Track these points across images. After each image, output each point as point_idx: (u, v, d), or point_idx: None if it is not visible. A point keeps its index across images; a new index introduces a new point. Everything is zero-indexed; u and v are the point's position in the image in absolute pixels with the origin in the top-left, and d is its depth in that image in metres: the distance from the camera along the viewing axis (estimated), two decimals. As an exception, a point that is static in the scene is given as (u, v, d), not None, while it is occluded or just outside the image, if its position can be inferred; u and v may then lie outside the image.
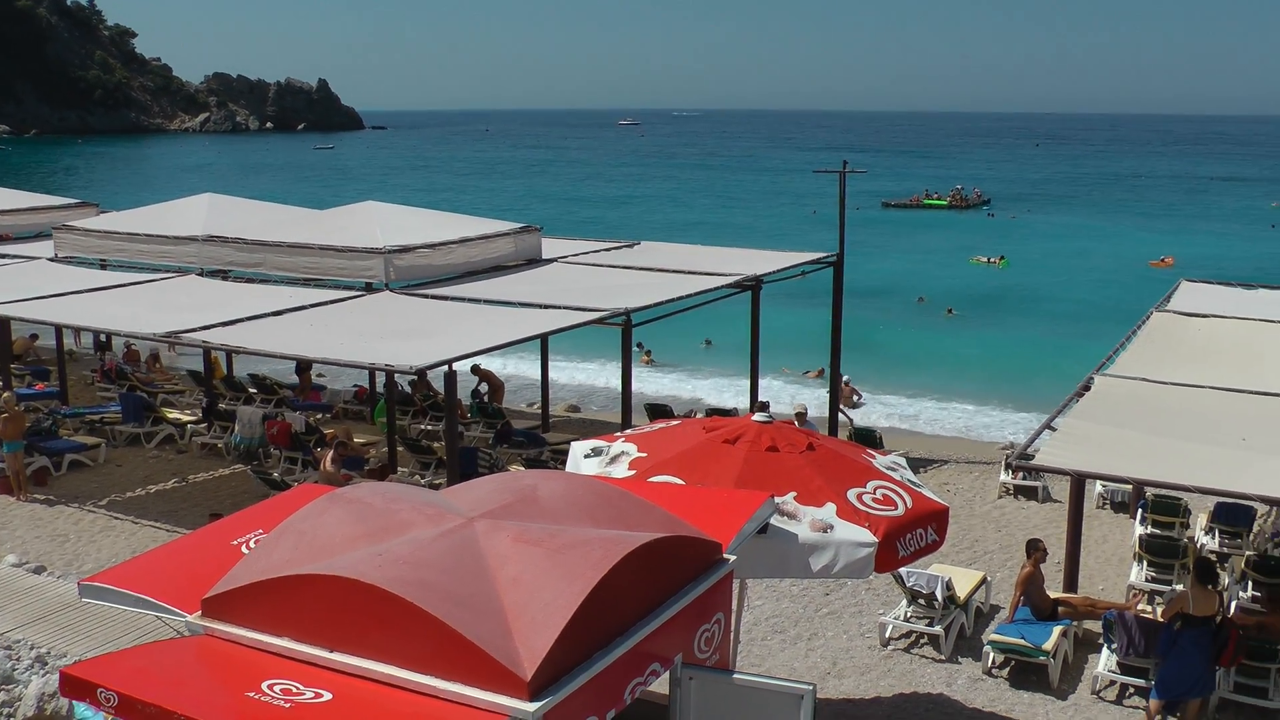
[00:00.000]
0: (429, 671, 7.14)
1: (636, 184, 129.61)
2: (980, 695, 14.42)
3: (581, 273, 25.66)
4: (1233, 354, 20.11)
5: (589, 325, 21.16)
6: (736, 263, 26.19)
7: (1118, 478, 18.29)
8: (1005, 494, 22.90)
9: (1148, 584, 17.63)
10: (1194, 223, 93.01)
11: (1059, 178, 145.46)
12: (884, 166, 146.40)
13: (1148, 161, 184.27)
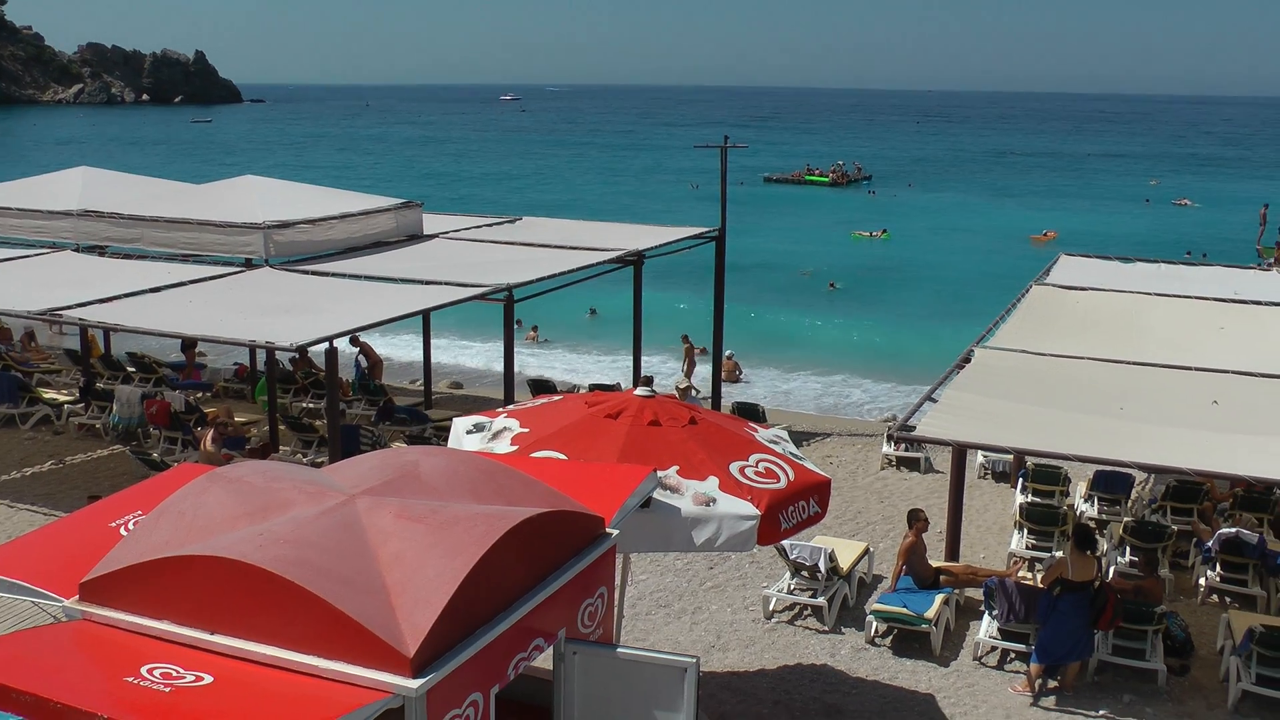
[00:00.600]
0: (311, 651, 7.08)
1: (518, 160, 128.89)
2: (864, 664, 14.61)
3: (463, 249, 25.48)
4: (1111, 326, 20.57)
5: (471, 301, 21.02)
6: (619, 238, 26.18)
7: (998, 448, 18.63)
8: (888, 466, 23.21)
9: (1028, 551, 17.98)
10: (1074, 199, 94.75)
11: (940, 155, 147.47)
12: (765, 142, 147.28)
13: (1028, 139, 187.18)
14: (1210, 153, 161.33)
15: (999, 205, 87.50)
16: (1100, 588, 14.14)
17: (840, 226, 71.20)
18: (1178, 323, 21.20)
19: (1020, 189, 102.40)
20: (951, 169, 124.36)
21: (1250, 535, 17.32)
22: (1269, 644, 13.90)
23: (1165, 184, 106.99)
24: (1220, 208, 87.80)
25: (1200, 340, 19.77)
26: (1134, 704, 14.02)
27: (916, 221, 75.34)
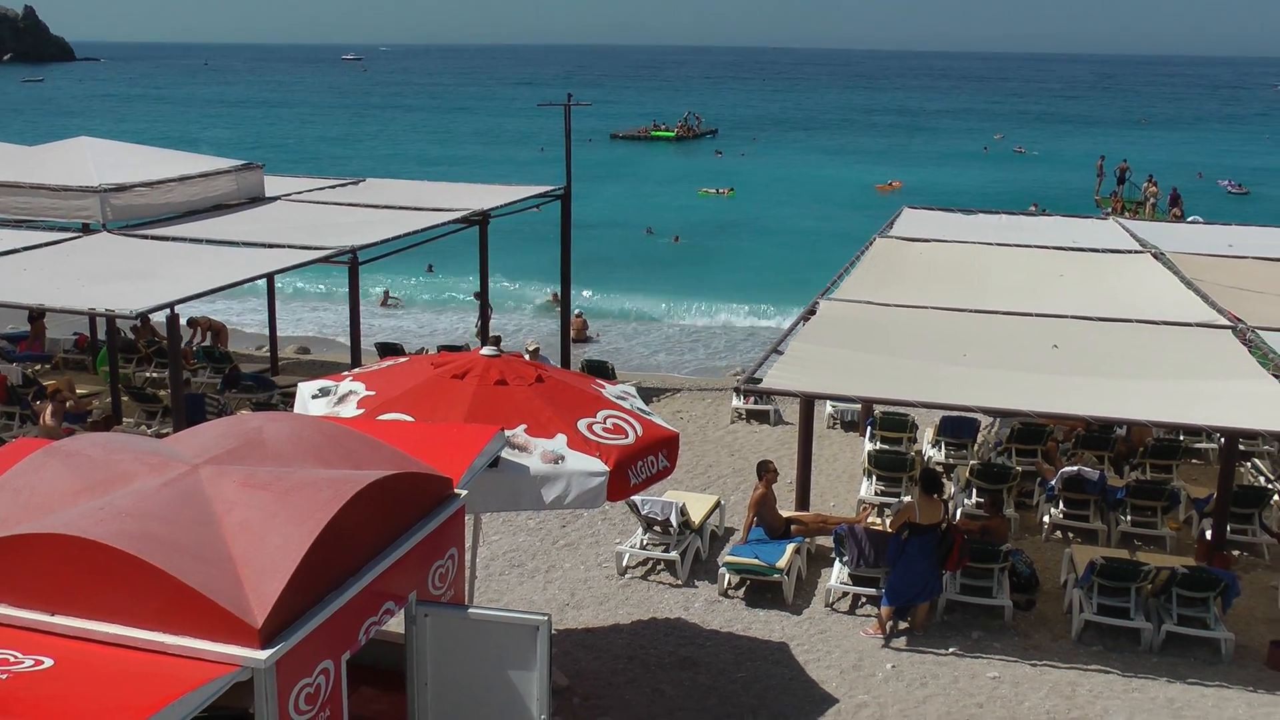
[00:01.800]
0: (157, 627, 6.91)
1: (361, 121, 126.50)
2: (718, 616, 14.77)
3: (306, 211, 25.05)
4: (953, 275, 21.02)
5: (315, 264, 20.70)
6: (464, 198, 26.00)
7: (845, 397, 18.97)
8: (738, 419, 23.44)
9: (877, 498, 18.35)
10: (919, 153, 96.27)
11: (786, 110, 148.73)
12: (610, 100, 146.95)
13: (872, 96, 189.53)
14: (1050, 109, 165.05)
15: (844, 160, 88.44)
16: (947, 529, 14.52)
17: (687, 181, 71.37)
18: (1018, 271, 21.76)
19: (865, 144, 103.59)
20: (798, 124, 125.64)
21: (1091, 472, 17.95)
22: (1109, 575, 14.46)
23: (1008, 139, 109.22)
24: (1059, 161, 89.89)
25: (1040, 288, 20.31)
26: (982, 639, 14.45)
27: (762, 175, 75.89)
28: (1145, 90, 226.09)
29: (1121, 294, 20.11)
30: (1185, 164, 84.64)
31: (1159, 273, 21.69)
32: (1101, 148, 79.79)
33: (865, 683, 13.26)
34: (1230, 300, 19.08)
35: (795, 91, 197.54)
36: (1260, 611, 15.77)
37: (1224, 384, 15.22)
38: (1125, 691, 13.46)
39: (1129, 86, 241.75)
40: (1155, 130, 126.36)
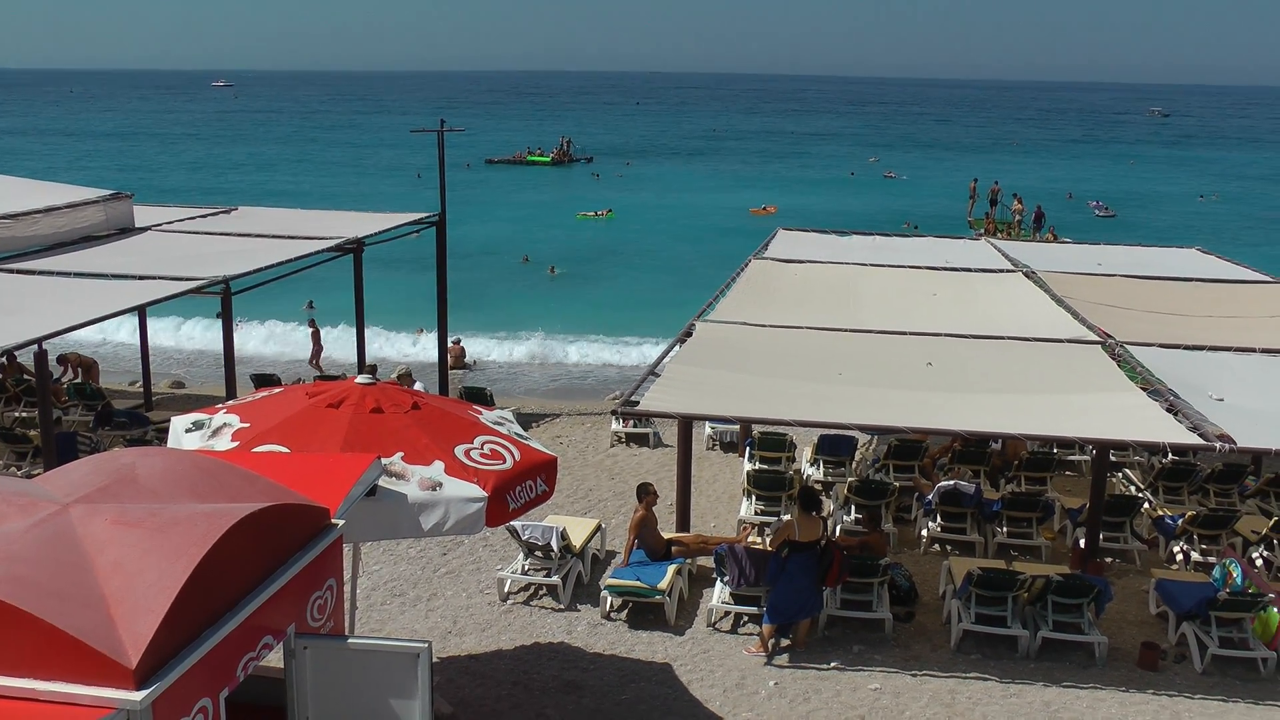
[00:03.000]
0: (28, 674, 6.71)
1: (233, 148, 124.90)
2: (600, 639, 14.79)
3: (178, 241, 24.62)
4: (828, 295, 21.32)
5: (188, 295, 20.35)
6: (338, 225, 25.73)
7: (723, 418, 19.11)
8: (618, 443, 23.52)
9: (757, 517, 18.55)
10: (793, 176, 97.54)
11: (662, 134, 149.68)
12: (484, 125, 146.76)
13: (747, 119, 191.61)
14: (924, 132, 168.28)
15: (720, 182, 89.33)
16: (826, 546, 14.70)
17: (564, 206, 71.48)
18: (892, 291, 22.14)
19: (740, 167, 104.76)
20: (674, 148, 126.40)
21: (967, 486, 18.32)
22: (986, 585, 14.82)
23: (883, 162, 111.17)
24: (932, 183, 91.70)
25: (914, 307, 20.69)
26: (863, 653, 14.68)
27: (639, 199, 76.29)
28: (1020, 115, 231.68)
29: (994, 312, 20.55)
30: (1056, 187, 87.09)
31: (1030, 291, 22.21)
32: (975, 170, 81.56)
33: (749, 700, 13.37)
34: (1100, 317, 19.63)
35: (670, 116, 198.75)
36: (1132, 615, 16.29)
37: (1095, 397, 15.62)
38: (1003, 697, 13.76)
39: (1005, 111, 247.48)
40: (1028, 154, 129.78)
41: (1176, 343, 18.36)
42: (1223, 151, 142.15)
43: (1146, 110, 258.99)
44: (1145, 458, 22.64)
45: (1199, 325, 20.14)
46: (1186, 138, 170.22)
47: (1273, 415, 15.38)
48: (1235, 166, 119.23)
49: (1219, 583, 16.16)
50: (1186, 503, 20.48)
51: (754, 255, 24.63)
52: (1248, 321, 20.83)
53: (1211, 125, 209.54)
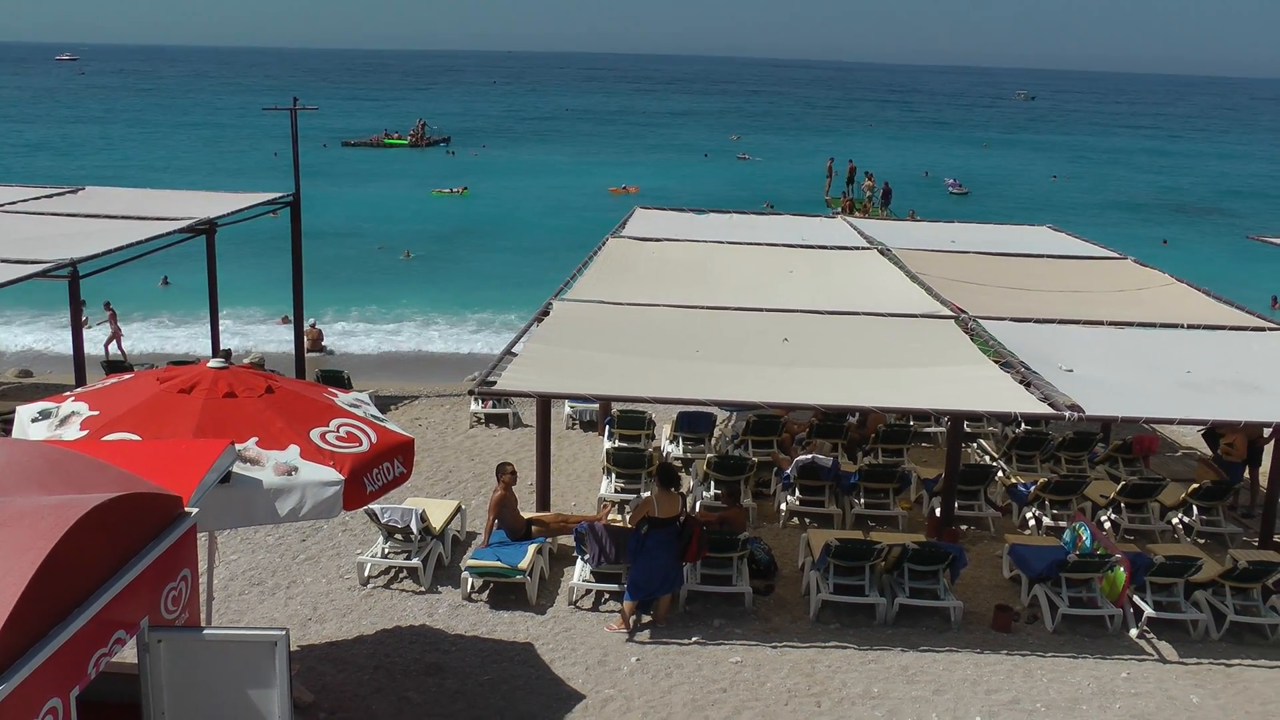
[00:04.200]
0: None
1: (79, 125, 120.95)
2: (462, 621, 14.72)
3: (20, 222, 23.81)
4: (685, 273, 21.42)
5: (31, 279, 19.70)
6: (190, 206, 25.18)
7: (581, 396, 19.16)
8: (477, 423, 23.42)
9: (617, 495, 18.61)
10: (653, 155, 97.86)
11: (520, 115, 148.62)
12: (340, 106, 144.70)
13: (606, 99, 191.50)
14: (784, 111, 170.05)
15: (578, 162, 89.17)
16: (686, 522, 14.80)
17: (421, 187, 70.78)
18: (749, 268, 22.33)
19: (599, 147, 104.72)
20: (532, 128, 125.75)
21: (825, 459, 18.56)
22: (844, 555, 15.08)
23: (744, 142, 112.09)
24: (790, 162, 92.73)
25: (771, 283, 20.90)
26: (724, 627, 14.82)
27: (497, 179, 75.83)
28: (882, 98, 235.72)
29: (850, 288, 20.84)
30: (914, 166, 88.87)
31: (885, 267, 22.57)
32: (833, 150, 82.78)
33: (611, 677, 13.42)
34: (953, 292, 20.03)
35: (528, 95, 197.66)
36: (986, 580, 16.76)
37: (949, 370, 15.96)
38: (862, 664, 14.04)
39: (866, 93, 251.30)
40: (887, 135, 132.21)
41: (1028, 316, 18.85)
42: (1079, 135, 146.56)
43: (1014, 94, 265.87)
44: (999, 428, 23.20)
45: (1049, 300, 20.68)
46: (1046, 121, 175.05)
47: (1120, 385, 15.87)
48: (1089, 149, 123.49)
49: (1069, 546, 16.66)
50: (1038, 470, 21.05)
51: (611, 234, 24.66)
52: (1096, 296, 21.45)
53: (1074, 109, 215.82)
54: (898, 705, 13.15)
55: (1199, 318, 19.61)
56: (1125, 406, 15.36)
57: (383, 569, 15.92)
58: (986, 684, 13.76)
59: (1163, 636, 15.35)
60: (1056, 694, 13.64)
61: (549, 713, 12.63)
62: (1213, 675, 14.43)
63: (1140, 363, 17.04)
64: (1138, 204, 78.04)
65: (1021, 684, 13.82)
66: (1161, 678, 14.25)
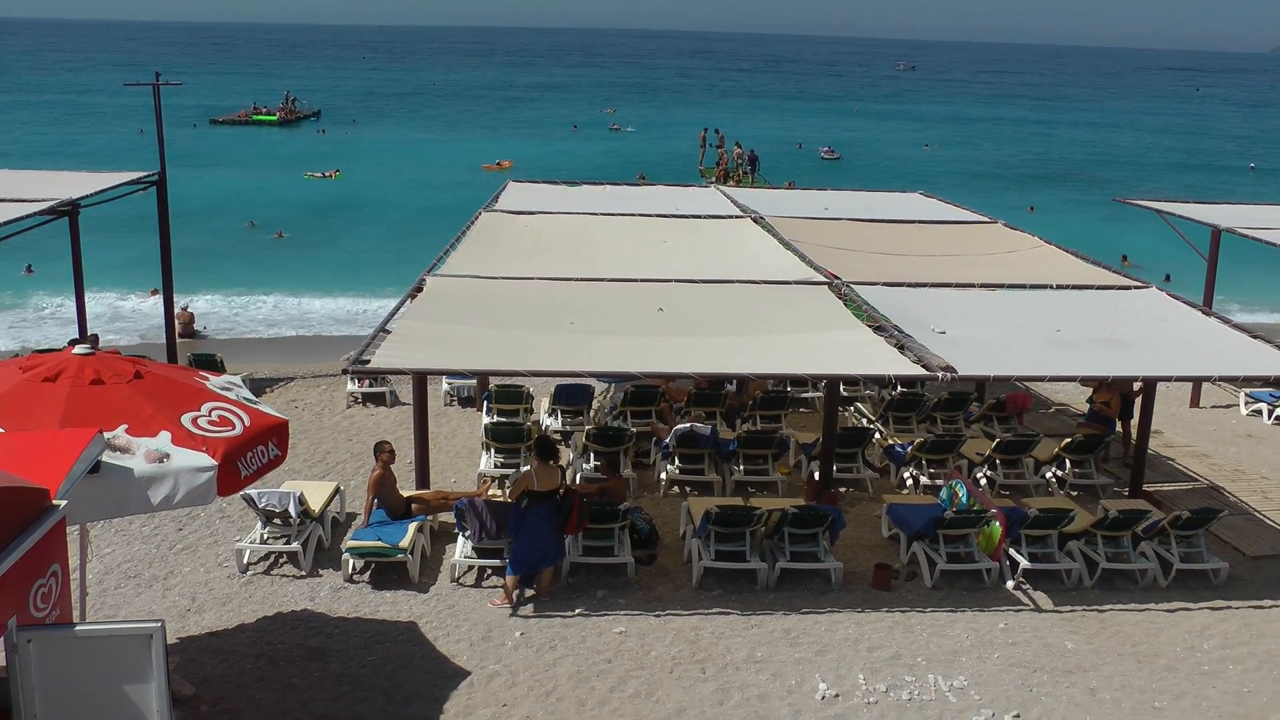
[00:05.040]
0: None
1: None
2: (344, 603, 14.56)
3: None
4: (559, 246, 21.36)
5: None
6: (50, 187, 24.30)
7: (456, 371, 19.06)
8: (354, 403, 23.19)
9: (496, 470, 18.59)
10: (528, 128, 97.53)
11: (391, 90, 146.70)
12: (206, 82, 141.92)
13: (475, 73, 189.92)
14: (659, 83, 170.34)
15: (451, 137, 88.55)
16: (566, 494, 14.80)
17: (292, 165, 69.64)
18: (623, 239, 22.33)
19: (471, 121, 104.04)
20: (402, 103, 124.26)
21: (704, 428, 18.69)
22: (724, 522, 15.22)
23: (620, 114, 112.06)
24: (664, 133, 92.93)
25: (645, 254, 20.92)
26: (607, 598, 14.88)
27: (369, 158, 74.92)
28: (757, 67, 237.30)
29: (724, 257, 20.95)
30: (789, 135, 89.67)
31: (759, 235, 22.69)
32: (706, 120, 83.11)
33: (495, 652, 13.38)
34: (826, 258, 20.21)
35: (399, 70, 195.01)
36: (865, 540, 17.08)
37: (824, 336, 16.12)
38: (745, 629, 14.18)
39: (744, 64, 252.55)
40: (762, 105, 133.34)
41: (900, 281, 19.09)
42: (955, 104, 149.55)
43: (895, 64, 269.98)
44: (875, 391, 23.51)
45: (922, 264, 20.99)
46: (922, 91, 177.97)
47: (991, 345, 16.20)
48: (964, 118, 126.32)
49: (945, 503, 17.02)
50: (915, 431, 21.42)
51: (484, 208, 24.49)
52: (967, 259, 21.80)
53: (952, 79, 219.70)
54: (781, 668, 13.31)
55: (1067, 278, 20.05)
56: (997, 366, 15.71)
57: (262, 555, 15.69)
58: (868, 642, 14.01)
59: (1038, 587, 15.82)
60: (936, 647, 13.94)
61: (434, 690, 12.57)
62: (1086, 621, 14.94)
63: (1011, 323, 17.39)
64: (1009, 171, 79.79)
65: (902, 639, 14.11)
66: (1038, 626, 14.68)
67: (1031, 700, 12.97)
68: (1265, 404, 25.22)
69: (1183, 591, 15.99)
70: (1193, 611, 15.45)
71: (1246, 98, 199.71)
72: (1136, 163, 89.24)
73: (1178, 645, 14.47)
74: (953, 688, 13.10)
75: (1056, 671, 13.62)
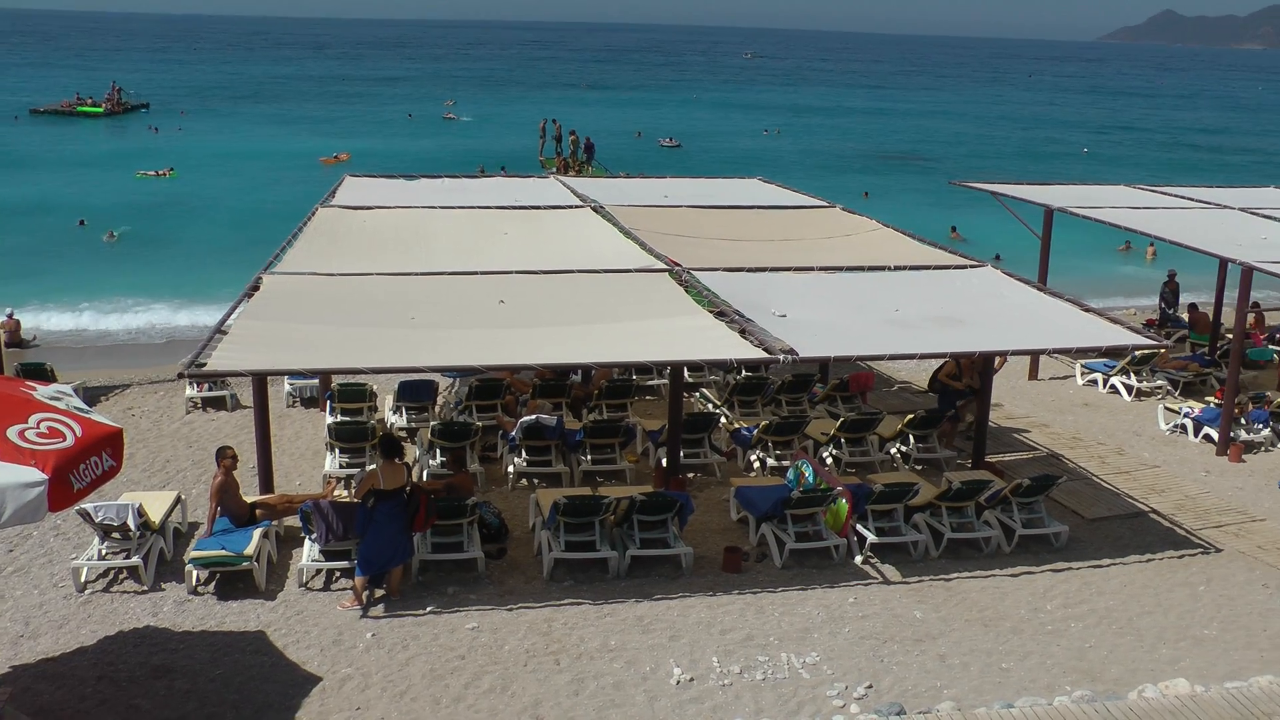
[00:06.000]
0: None
1: None
2: (189, 617, 14.16)
3: None
4: (398, 240, 21.15)
5: None
6: None
7: (297, 371, 18.70)
8: (194, 409, 22.65)
9: (342, 470, 18.34)
10: (365, 121, 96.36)
11: (223, 82, 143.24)
12: (20, 73, 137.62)
13: (311, 64, 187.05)
14: (501, 74, 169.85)
15: (287, 132, 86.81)
16: (412, 492, 14.65)
17: (122, 160, 67.45)
18: (463, 232, 22.19)
19: (307, 115, 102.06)
20: (235, 97, 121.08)
21: (549, 419, 18.69)
22: (573, 512, 15.29)
23: (459, 105, 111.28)
24: (504, 124, 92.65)
25: (485, 246, 20.79)
26: (458, 594, 14.82)
27: (202, 154, 72.80)
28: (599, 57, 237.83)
29: (565, 247, 20.92)
30: (628, 125, 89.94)
31: (599, 225, 22.71)
32: (545, 111, 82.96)
33: (347, 656, 13.21)
34: (667, 246, 20.30)
35: (230, 62, 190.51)
36: (715, 524, 17.29)
37: (667, 323, 16.21)
38: (598, 618, 14.26)
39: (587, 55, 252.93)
40: (604, 95, 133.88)
41: (741, 266, 19.23)
42: (797, 92, 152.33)
43: (742, 53, 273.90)
44: (720, 376, 23.67)
45: (761, 249, 21.20)
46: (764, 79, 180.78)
47: (831, 327, 16.48)
48: (805, 105, 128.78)
49: (792, 483, 17.24)
50: (761, 414, 21.65)
51: (321, 203, 24.09)
52: (806, 243, 22.07)
53: (796, 68, 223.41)
54: (635, 655, 13.37)
55: (905, 259, 20.43)
56: (838, 347, 16.01)
57: (100, 571, 15.13)
58: (720, 625, 14.16)
59: (886, 560, 16.23)
60: (788, 626, 14.17)
61: (286, 700, 12.35)
62: (934, 590, 15.37)
63: (851, 304, 17.67)
64: (847, 156, 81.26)
65: (754, 621, 14.29)
66: (887, 598, 15.06)
67: (883, 670, 13.27)
68: (1100, 374, 26.09)
69: (1026, 556, 16.56)
70: (1036, 575, 16.03)
71: (1079, 85, 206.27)
72: (971, 148, 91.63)
73: (1022, 608, 15.01)
74: (806, 664, 13.31)
75: (906, 641, 13.97)
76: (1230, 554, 17.06)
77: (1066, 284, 22.99)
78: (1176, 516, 18.40)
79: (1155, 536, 17.65)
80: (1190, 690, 12.60)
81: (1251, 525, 18.18)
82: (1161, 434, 22.88)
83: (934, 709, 12.20)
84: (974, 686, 13.02)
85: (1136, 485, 19.70)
